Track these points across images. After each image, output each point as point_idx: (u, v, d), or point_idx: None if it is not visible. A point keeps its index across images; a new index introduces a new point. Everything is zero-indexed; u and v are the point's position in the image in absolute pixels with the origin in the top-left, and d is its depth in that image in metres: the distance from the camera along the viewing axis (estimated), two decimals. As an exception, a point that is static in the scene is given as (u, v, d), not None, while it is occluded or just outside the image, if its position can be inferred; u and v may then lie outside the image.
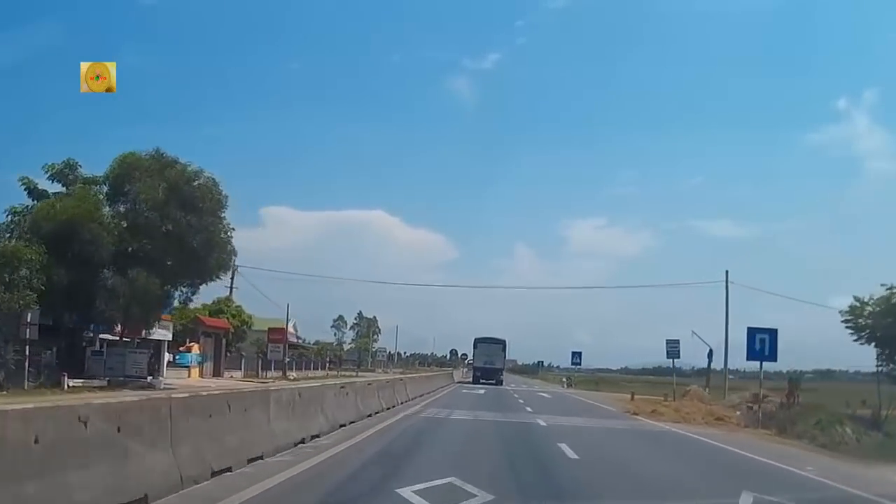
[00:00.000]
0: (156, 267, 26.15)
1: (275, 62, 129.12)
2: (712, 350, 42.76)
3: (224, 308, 47.30)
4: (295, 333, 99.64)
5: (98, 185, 27.64)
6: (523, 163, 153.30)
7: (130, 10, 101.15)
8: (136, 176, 26.41)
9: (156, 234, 26.02)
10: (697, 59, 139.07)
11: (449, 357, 73.18)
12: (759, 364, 20.56)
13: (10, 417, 4.65)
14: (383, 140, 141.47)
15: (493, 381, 51.22)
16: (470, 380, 56.14)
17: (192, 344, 39.88)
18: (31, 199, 26.36)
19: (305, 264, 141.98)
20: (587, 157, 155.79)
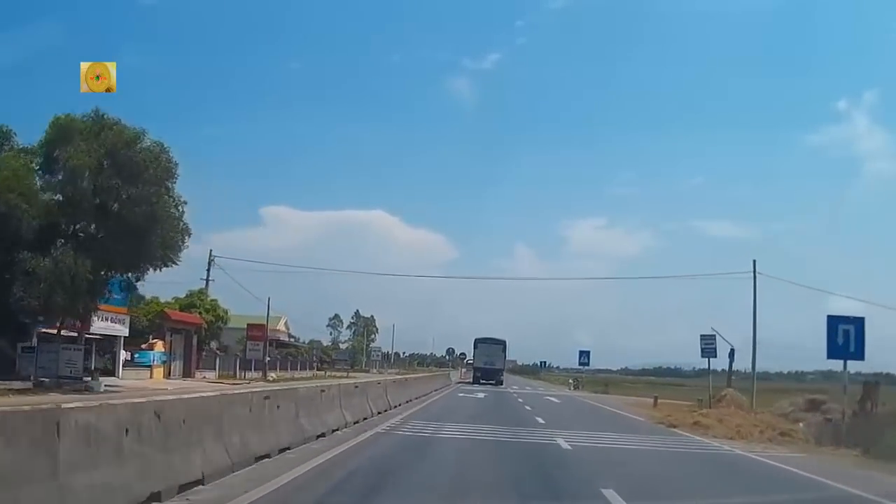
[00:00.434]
0: (89, 247, 21.90)
1: (275, 62, 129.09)
2: (734, 349, 38.43)
3: (197, 302, 42.97)
4: (287, 332, 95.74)
5: (35, 154, 23.67)
6: (523, 163, 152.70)
7: (130, 10, 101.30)
8: (69, 141, 22.21)
9: (88, 208, 21.77)
10: (697, 59, 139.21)
11: (446, 356, 68.97)
12: (843, 363, 16.04)
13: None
14: (383, 140, 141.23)
15: (493, 382, 50.64)
16: (469, 380, 55.28)
17: (155, 341, 35.55)
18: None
19: (305, 263, 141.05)
20: (587, 157, 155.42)
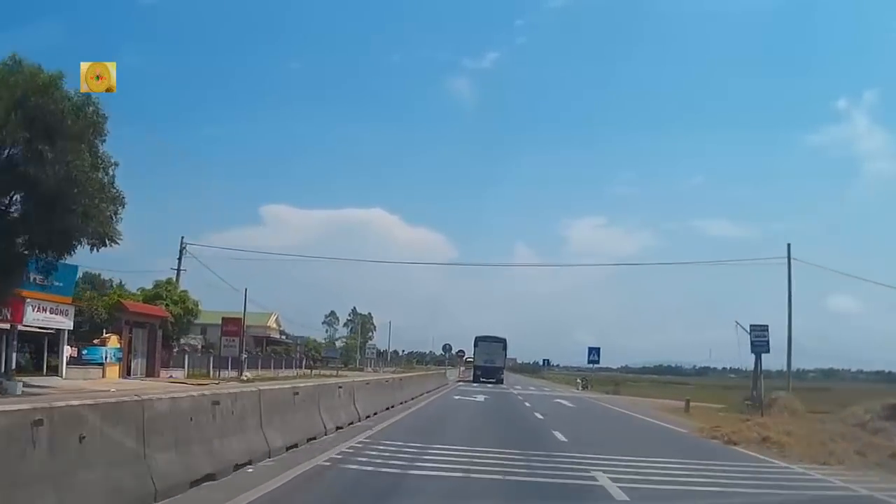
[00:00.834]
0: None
1: (275, 62, 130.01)
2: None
3: (163, 293, 38.67)
4: (279, 329, 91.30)
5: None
6: (523, 162, 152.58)
7: (130, 10, 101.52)
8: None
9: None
10: (697, 59, 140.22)
11: (443, 354, 64.79)
12: None
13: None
14: (383, 140, 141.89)
15: (494, 380, 50.87)
16: (468, 378, 55.35)
17: (109, 335, 31.32)
18: None
19: (305, 262, 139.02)
20: (587, 157, 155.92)
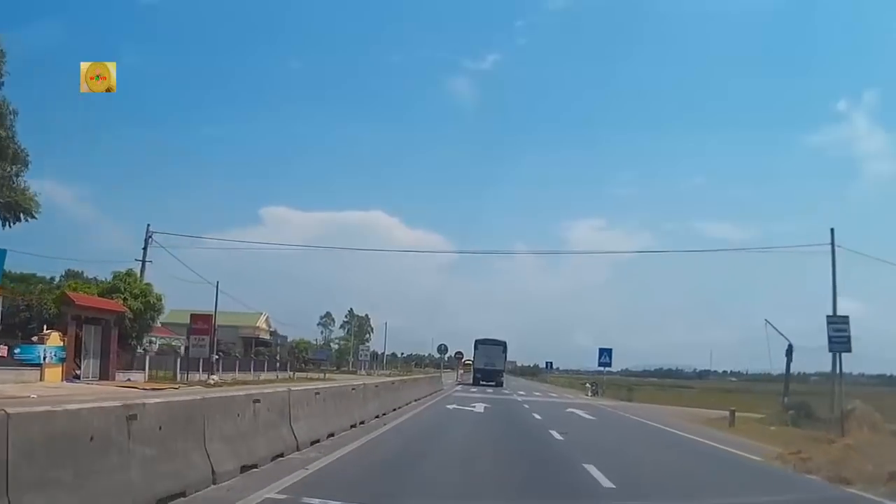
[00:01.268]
0: None
1: (275, 62, 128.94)
2: (792, 346, 30.03)
3: (122, 286, 34.52)
4: (268, 329, 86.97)
5: None
6: (523, 163, 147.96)
7: (130, 10, 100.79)
8: None
9: None
10: (697, 59, 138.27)
11: (439, 355, 60.82)
12: None
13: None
14: (383, 140, 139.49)
15: (494, 383, 50.79)
16: (468, 382, 55.06)
17: (49, 332, 27.17)
18: None
19: (305, 263, 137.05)
20: (587, 158, 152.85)
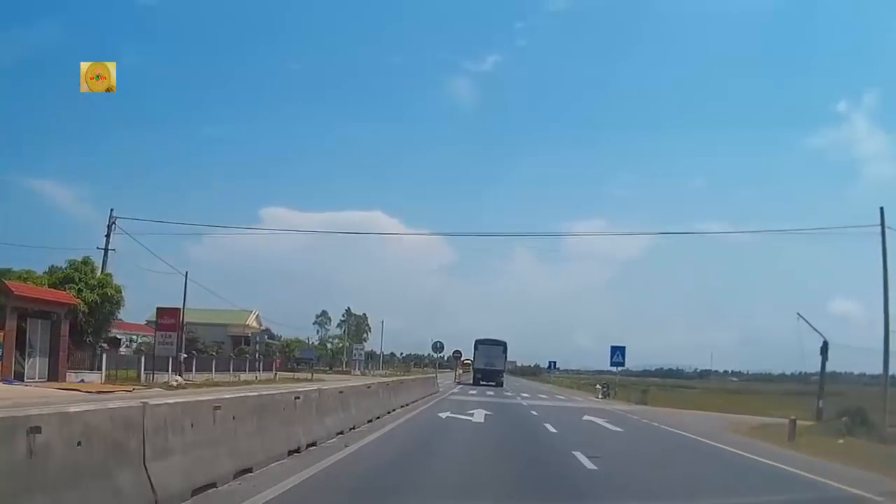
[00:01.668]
0: None
1: (275, 62, 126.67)
2: (827, 342, 26.88)
3: (75, 276, 31.02)
4: (259, 327, 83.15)
5: None
6: (523, 164, 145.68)
7: (130, 10, 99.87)
8: None
9: None
10: (697, 59, 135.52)
11: (434, 354, 57.26)
12: None
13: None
14: (383, 140, 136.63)
15: (494, 383, 51.20)
16: (467, 382, 55.19)
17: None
18: None
19: (304, 264, 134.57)
20: (587, 158, 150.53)
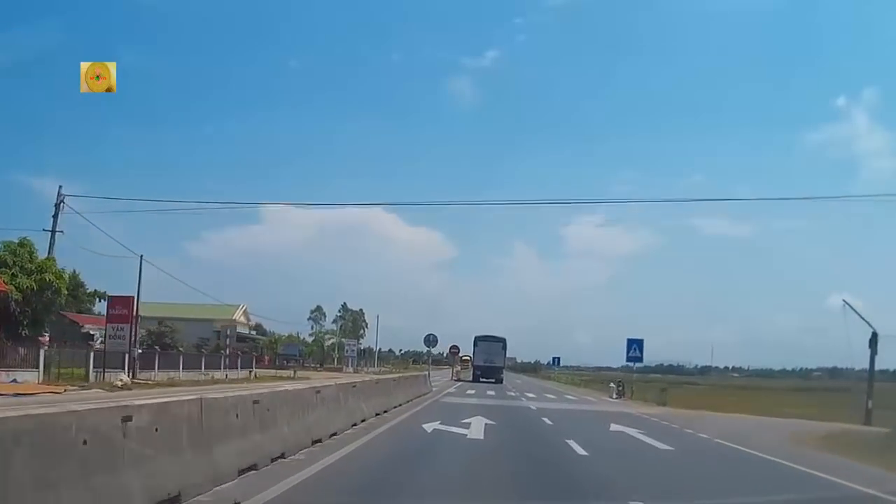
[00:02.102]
0: None
1: (275, 62, 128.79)
2: (877, 334, 23.43)
3: (10, 259, 27.33)
4: (247, 323, 79.38)
5: None
6: (523, 162, 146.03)
7: (130, 10, 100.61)
8: None
9: None
10: (697, 59, 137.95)
11: (427, 349, 53.68)
12: None
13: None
14: (383, 139, 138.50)
15: (494, 380, 51.16)
16: (466, 379, 54.99)
17: None
18: None
19: (303, 261, 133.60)
20: (587, 157, 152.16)
